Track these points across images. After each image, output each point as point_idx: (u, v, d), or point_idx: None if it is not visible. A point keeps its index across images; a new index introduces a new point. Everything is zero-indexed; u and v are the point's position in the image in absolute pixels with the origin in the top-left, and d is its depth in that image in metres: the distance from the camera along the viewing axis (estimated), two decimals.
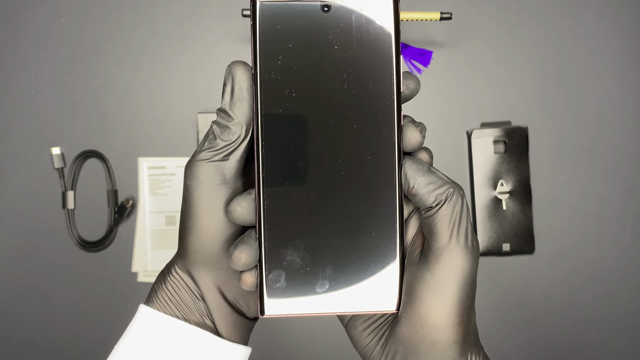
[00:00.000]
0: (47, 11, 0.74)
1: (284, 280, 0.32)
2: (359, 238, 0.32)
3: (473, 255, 0.31)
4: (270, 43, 0.31)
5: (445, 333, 0.31)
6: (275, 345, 0.73)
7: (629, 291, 0.72)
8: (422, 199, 0.31)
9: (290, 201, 0.31)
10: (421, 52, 0.72)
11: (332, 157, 0.31)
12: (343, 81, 0.31)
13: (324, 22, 0.31)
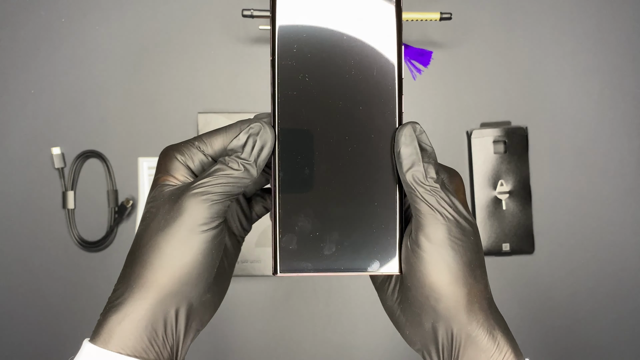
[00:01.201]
0: (47, 11, 0.74)
1: (296, 243, 0.36)
2: (362, 207, 0.36)
3: (453, 218, 0.34)
4: (288, 33, 0.36)
5: (442, 293, 0.34)
6: (275, 344, 0.73)
7: (628, 291, 0.72)
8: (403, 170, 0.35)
9: (302, 173, 0.36)
10: (421, 52, 0.72)
11: (340, 135, 0.36)
12: (351, 67, 0.36)
13: (334, 14, 0.36)
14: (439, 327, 0.35)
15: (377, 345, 0.73)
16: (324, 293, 0.73)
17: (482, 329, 0.35)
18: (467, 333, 0.35)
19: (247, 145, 0.35)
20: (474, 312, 0.35)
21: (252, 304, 0.73)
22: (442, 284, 0.34)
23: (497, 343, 0.35)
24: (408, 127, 0.35)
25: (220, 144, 0.37)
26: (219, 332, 0.73)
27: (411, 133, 0.35)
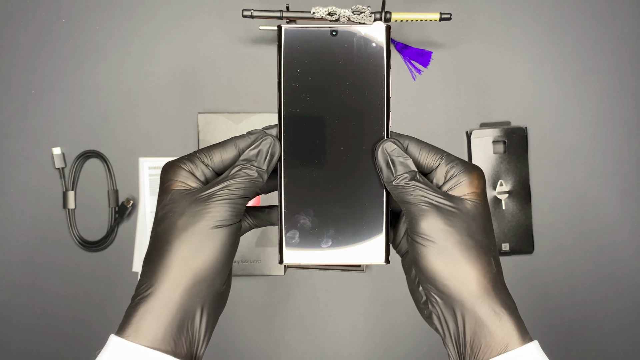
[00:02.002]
0: (48, 12, 0.74)
1: (298, 237, 0.43)
2: (354, 208, 0.42)
3: (434, 207, 0.39)
4: (291, 59, 0.42)
5: (440, 275, 0.38)
6: (275, 344, 0.73)
7: (627, 291, 0.72)
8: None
9: (303, 178, 0.42)
10: (421, 53, 0.72)
11: (336, 146, 0.42)
12: (345, 88, 0.42)
13: (332, 44, 0.42)
14: (446, 307, 0.40)
15: (376, 345, 0.73)
16: (324, 293, 0.73)
17: (485, 308, 0.38)
18: (471, 312, 0.38)
19: (261, 155, 0.42)
20: (473, 294, 0.38)
21: (253, 304, 0.73)
22: (434, 268, 0.38)
23: (502, 322, 0.38)
24: (380, 147, 0.41)
25: (218, 157, 0.44)
26: (219, 332, 0.73)
27: (381, 152, 0.41)
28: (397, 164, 0.41)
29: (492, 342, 0.38)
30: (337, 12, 0.65)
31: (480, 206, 0.40)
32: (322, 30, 0.42)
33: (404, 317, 0.73)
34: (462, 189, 0.40)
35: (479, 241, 0.39)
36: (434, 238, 0.38)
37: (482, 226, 0.39)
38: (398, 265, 0.76)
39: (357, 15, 0.65)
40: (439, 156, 0.41)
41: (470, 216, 0.39)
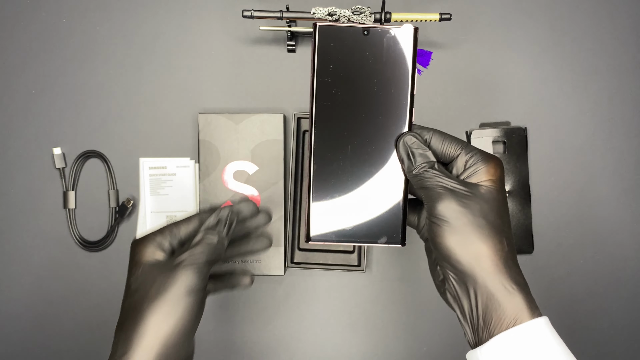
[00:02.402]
0: (48, 12, 0.74)
1: (324, 219, 0.47)
2: (376, 195, 0.46)
3: (434, 193, 0.42)
4: (325, 55, 0.45)
5: (453, 252, 0.41)
6: (275, 344, 0.73)
7: (627, 291, 0.72)
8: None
9: (331, 166, 0.46)
10: (421, 53, 0.72)
11: (362, 137, 0.45)
12: (374, 85, 0.45)
13: (364, 42, 0.45)
14: (460, 283, 0.42)
15: (376, 344, 0.73)
16: (324, 293, 0.73)
17: (496, 283, 0.41)
18: (483, 287, 0.41)
19: (220, 223, 0.49)
20: (485, 270, 0.41)
21: (253, 304, 0.73)
22: (449, 245, 0.41)
23: (512, 297, 0.41)
24: (402, 140, 0.45)
25: (184, 230, 0.49)
26: (220, 332, 0.73)
27: (402, 144, 0.44)
28: (417, 155, 0.44)
29: (503, 316, 0.41)
30: (337, 13, 0.65)
31: (495, 191, 0.43)
32: (355, 29, 0.45)
33: (404, 317, 0.73)
34: (479, 176, 0.43)
35: (492, 222, 0.42)
36: (448, 218, 0.41)
37: (496, 209, 0.42)
38: (398, 265, 0.77)
39: (357, 16, 0.65)
40: (459, 147, 0.44)
41: (485, 199, 0.42)
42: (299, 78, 0.73)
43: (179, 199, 0.73)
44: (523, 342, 0.41)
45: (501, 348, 0.42)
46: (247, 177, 0.71)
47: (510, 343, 0.41)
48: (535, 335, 0.41)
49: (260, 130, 0.71)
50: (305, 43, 0.73)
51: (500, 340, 0.41)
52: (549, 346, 0.42)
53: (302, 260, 0.71)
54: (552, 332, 0.43)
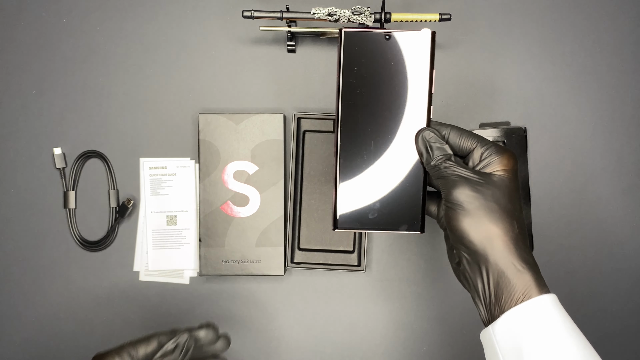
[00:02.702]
0: (48, 12, 0.74)
1: (350, 209, 0.51)
2: (397, 186, 0.51)
3: (449, 181, 0.47)
4: (350, 58, 0.49)
5: (466, 234, 0.45)
6: (275, 344, 0.73)
7: (627, 290, 0.73)
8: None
9: (355, 160, 0.51)
10: None
11: (384, 133, 0.50)
12: (395, 85, 0.49)
13: (385, 46, 0.49)
14: (473, 263, 0.46)
15: (376, 344, 0.73)
16: (324, 293, 0.73)
17: (506, 262, 0.45)
18: (494, 266, 0.45)
19: (178, 348, 0.54)
20: (496, 250, 0.45)
21: (253, 304, 0.73)
22: (463, 228, 0.45)
23: (521, 275, 0.45)
24: (420, 135, 0.49)
25: (142, 352, 0.53)
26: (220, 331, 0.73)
27: (421, 139, 0.49)
28: (435, 149, 0.48)
29: (513, 292, 0.44)
30: (337, 13, 0.65)
31: (507, 179, 0.47)
32: (377, 34, 0.49)
33: (404, 317, 0.73)
34: (492, 167, 0.47)
35: (503, 206, 0.45)
36: (462, 202, 0.46)
37: (508, 195, 0.46)
38: (398, 265, 0.77)
39: (357, 16, 0.65)
40: (475, 141, 0.49)
41: (497, 186, 0.46)
42: (299, 78, 0.73)
43: (179, 199, 0.73)
44: (532, 317, 0.44)
45: (511, 323, 0.44)
46: (247, 177, 0.71)
47: (519, 318, 0.44)
48: (543, 310, 0.44)
49: (260, 130, 0.71)
50: (305, 43, 0.74)
51: (510, 315, 0.44)
52: (556, 320, 0.44)
53: (302, 260, 0.71)
54: (559, 308, 0.45)
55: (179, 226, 0.73)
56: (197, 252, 0.72)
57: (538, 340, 0.44)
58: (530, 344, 0.44)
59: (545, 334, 0.44)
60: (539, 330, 0.44)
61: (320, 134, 0.71)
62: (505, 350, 0.45)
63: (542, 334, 0.44)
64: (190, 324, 0.73)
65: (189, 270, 0.73)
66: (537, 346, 0.44)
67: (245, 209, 0.71)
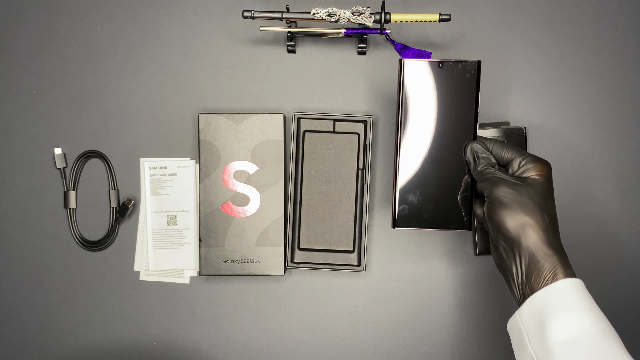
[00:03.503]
0: (48, 12, 0.74)
1: (407, 210, 0.60)
2: (449, 189, 0.60)
3: (501, 181, 0.55)
4: (409, 83, 0.59)
5: (503, 224, 0.54)
6: (275, 344, 0.73)
7: (627, 290, 0.73)
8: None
9: (413, 169, 0.60)
10: (420, 53, 0.73)
11: (437, 146, 0.59)
12: (447, 105, 0.59)
13: (439, 72, 0.59)
14: (508, 249, 0.54)
15: (376, 344, 0.73)
16: (324, 293, 0.73)
17: (536, 247, 0.52)
18: (526, 250, 0.52)
19: None
20: (527, 236, 0.52)
21: (253, 303, 0.73)
22: (501, 218, 0.54)
23: (549, 258, 0.52)
24: (469, 146, 0.59)
25: None
26: (220, 331, 0.73)
27: (470, 150, 0.58)
28: (481, 158, 0.58)
29: (542, 272, 0.52)
30: (337, 14, 0.65)
31: (541, 181, 0.55)
32: (432, 63, 0.59)
33: (404, 317, 0.73)
34: (529, 173, 0.55)
35: (536, 201, 0.53)
36: (501, 197, 0.54)
37: (541, 193, 0.54)
38: (398, 265, 0.77)
39: (357, 17, 0.65)
40: (515, 152, 0.57)
41: (531, 186, 0.54)
42: (299, 78, 0.73)
43: (180, 199, 0.73)
44: (554, 297, 0.51)
45: (535, 304, 0.51)
46: (248, 177, 0.71)
47: (543, 299, 0.51)
48: (566, 291, 0.51)
49: (261, 130, 0.71)
50: (305, 43, 0.74)
51: (534, 299, 0.51)
52: (577, 300, 0.51)
53: (302, 260, 0.71)
54: (582, 290, 0.52)
55: (179, 226, 0.73)
56: (198, 252, 0.72)
57: (559, 317, 0.49)
58: (552, 321, 0.49)
59: (566, 312, 0.49)
60: (561, 309, 0.50)
61: (320, 134, 0.71)
62: (530, 329, 0.51)
63: (563, 312, 0.49)
64: (190, 324, 0.73)
65: (189, 270, 0.73)
66: (558, 323, 0.49)
67: (246, 208, 0.71)
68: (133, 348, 0.73)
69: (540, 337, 0.50)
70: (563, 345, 0.48)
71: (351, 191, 0.71)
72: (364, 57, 0.74)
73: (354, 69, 0.74)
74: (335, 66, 0.74)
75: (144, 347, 0.73)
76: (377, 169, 0.73)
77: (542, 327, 0.50)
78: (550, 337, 0.49)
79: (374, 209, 0.73)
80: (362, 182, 0.71)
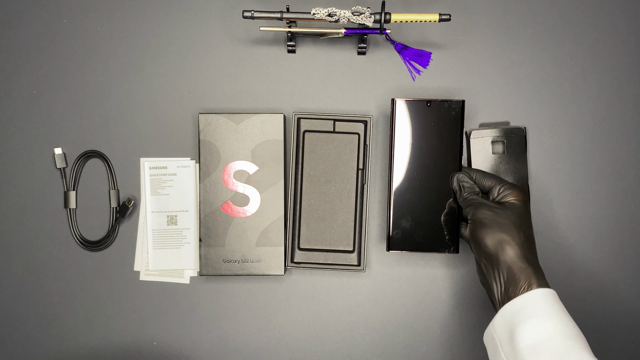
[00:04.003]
0: (49, 12, 0.74)
1: (400, 234, 0.67)
2: (437, 216, 0.67)
3: (474, 206, 0.63)
4: (400, 119, 0.67)
5: (483, 242, 0.60)
6: (275, 344, 0.73)
7: (626, 290, 0.73)
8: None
9: (405, 197, 0.67)
10: (420, 53, 0.73)
11: (426, 176, 0.67)
12: (434, 139, 0.67)
13: (427, 110, 0.67)
14: (489, 265, 0.59)
15: (376, 344, 0.73)
16: (324, 293, 0.73)
17: (513, 262, 0.57)
18: (504, 265, 0.58)
19: None
20: (505, 252, 0.58)
21: (253, 303, 0.73)
22: (481, 236, 0.60)
23: (524, 270, 0.57)
24: (455, 177, 0.66)
25: None
26: (220, 331, 0.73)
27: (456, 180, 0.66)
28: (465, 187, 0.65)
29: (518, 283, 0.56)
30: (337, 14, 0.65)
31: (517, 205, 0.61)
32: (421, 102, 0.67)
33: (404, 317, 0.73)
34: (506, 198, 0.62)
35: (512, 221, 0.60)
36: (482, 219, 0.61)
37: (517, 215, 0.60)
38: (398, 265, 0.77)
39: (357, 17, 0.65)
40: (495, 180, 0.64)
41: (508, 209, 0.61)
42: (299, 78, 0.73)
43: (180, 198, 0.73)
44: (524, 305, 0.55)
45: (507, 313, 0.56)
46: (248, 177, 0.71)
47: (514, 308, 0.56)
48: (536, 300, 0.55)
49: (261, 130, 0.71)
50: (305, 43, 0.74)
51: (505, 308, 0.56)
52: (545, 308, 0.55)
53: (302, 260, 0.71)
54: (552, 299, 0.55)
55: (179, 226, 0.73)
56: (198, 252, 0.72)
57: (527, 323, 0.54)
58: (520, 327, 0.54)
59: (534, 318, 0.54)
60: (529, 315, 0.54)
61: (320, 134, 0.71)
62: (502, 337, 0.56)
63: (531, 319, 0.54)
64: (190, 324, 0.73)
65: (189, 270, 0.73)
66: (526, 329, 0.54)
67: (246, 208, 0.71)
68: (133, 348, 0.73)
69: (510, 343, 0.55)
70: (529, 349, 0.53)
71: (351, 191, 0.71)
72: (364, 57, 0.74)
73: (354, 69, 0.74)
74: (335, 66, 0.74)
75: (144, 347, 0.73)
76: (377, 169, 0.73)
77: (512, 334, 0.55)
78: (518, 342, 0.54)
79: (374, 209, 0.73)
80: (362, 182, 0.71)
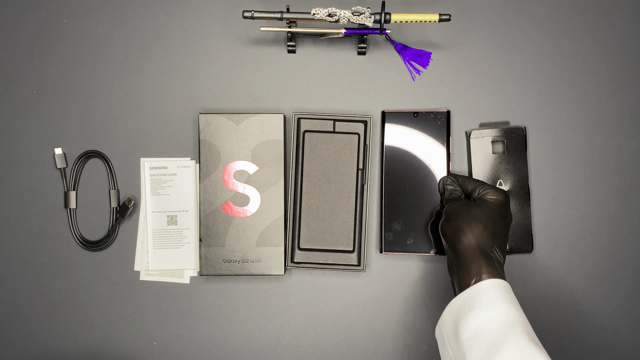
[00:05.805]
0: (49, 12, 0.74)
1: (392, 236, 0.70)
2: (426, 218, 0.70)
3: (448, 202, 0.67)
4: (390, 130, 0.71)
5: (451, 241, 0.62)
6: (275, 343, 0.73)
7: (626, 290, 0.73)
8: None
9: (396, 202, 0.70)
10: (420, 54, 0.73)
11: (415, 182, 0.70)
12: (423, 147, 0.70)
13: (414, 121, 0.71)
14: (453, 255, 0.61)
15: (376, 344, 0.73)
16: (324, 293, 0.73)
17: (471, 255, 0.59)
18: (463, 257, 0.59)
19: None
20: (460, 240, 0.60)
21: (253, 303, 0.73)
22: (443, 226, 0.64)
23: (477, 263, 0.58)
24: (442, 181, 0.70)
25: None
26: (220, 331, 0.73)
27: (442, 183, 0.70)
28: (448, 189, 0.69)
29: (470, 275, 0.58)
30: (337, 14, 0.65)
31: (491, 203, 0.63)
32: (408, 113, 0.71)
33: (403, 317, 0.73)
34: (484, 197, 0.64)
35: (479, 218, 0.61)
36: (447, 212, 0.64)
37: (486, 209, 0.62)
38: (398, 265, 0.77)
39: (357, 17, 0.65)
40: (478, 184, 0.66)
41: (479, 206, 0.63)
42: (299, 78, 0.74)
43: (180, 198, 0.73)
44: (470, 298, 0.56)
45: (453, 307, 0.58)
46: (248, 177, 0.71)
47: (459, 301, 0.57)
48: (482, 291, 0.56)
49: (261, 130, 0.71)
50: (305, 44, 0.74)
51: (452, 303, 0.58)
52: (489, 298, 0.55)
53: (302, 260, 0.71)
54: (502, 290, 0.56)
55: (179, 226, 0.73)
56: (198, 252, 0.72)
57: (469, 315, 0.55)
58: (463, 320, 0.55)
59: (476, 310, 0.55)
60: (472, 308, 0.55)
61: (320, 134, 0.71)
62: (449, 332, 0.57)
63: (473, 311, 0.55)
64: (190, 324, 0.73)
65: (189, 270, 0.73)
66: (467, 321, 0.55)
67: (246, 208, 0.71)
68: (133, 348, 0.73)
69: (455, 337, 0.56)
70: (469, 340, 0.54)
71: (351, 191, 0.71)
72: (364, 57, 0.74)
73: (354, 69, 0.74)
74: (335, 66, 0.74)
75: (144, 347, 0.73)
76: (377, 169, 0.73)
77: (457, 328, 0.56)
78: (460, 335, 0.55)
79: (373, 209, 0.73)
80: (362, 182, 0.71)
